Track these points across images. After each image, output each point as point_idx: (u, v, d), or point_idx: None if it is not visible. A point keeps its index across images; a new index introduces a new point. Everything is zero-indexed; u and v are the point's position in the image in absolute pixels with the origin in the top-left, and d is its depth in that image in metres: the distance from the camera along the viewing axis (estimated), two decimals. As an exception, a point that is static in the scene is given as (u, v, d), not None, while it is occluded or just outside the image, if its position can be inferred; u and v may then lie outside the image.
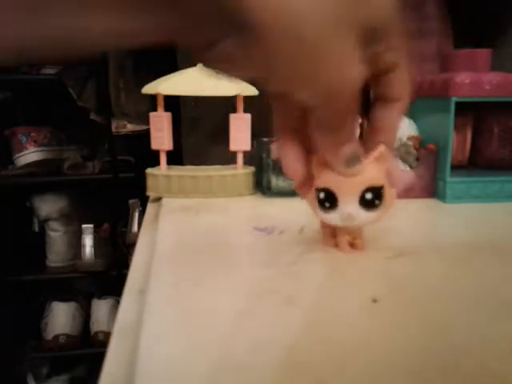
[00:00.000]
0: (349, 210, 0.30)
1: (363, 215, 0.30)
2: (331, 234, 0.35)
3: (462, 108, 0.49)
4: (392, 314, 0.25)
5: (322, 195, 0.31)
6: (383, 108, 0.29)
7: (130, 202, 1.23)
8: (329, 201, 0.31)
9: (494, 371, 0.19)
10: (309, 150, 0.30)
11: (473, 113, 0.54)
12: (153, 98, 0.55)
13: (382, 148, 0.30)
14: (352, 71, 0.24)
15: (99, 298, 1.24)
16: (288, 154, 0.31)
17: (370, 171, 0.30)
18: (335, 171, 0.29)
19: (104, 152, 1.17)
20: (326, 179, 0.30)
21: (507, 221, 0.45)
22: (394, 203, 0.32)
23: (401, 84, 0.29)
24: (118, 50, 0.98)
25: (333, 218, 0.31)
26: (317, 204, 0.31)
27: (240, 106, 0.55)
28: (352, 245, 0.34)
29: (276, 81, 0.25)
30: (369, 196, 0.30)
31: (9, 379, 1.24)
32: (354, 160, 0.29)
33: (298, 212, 0.48)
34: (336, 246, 0.34)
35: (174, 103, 0.68)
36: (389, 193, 0.31)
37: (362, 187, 0.30)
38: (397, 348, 0.21)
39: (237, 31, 0.22)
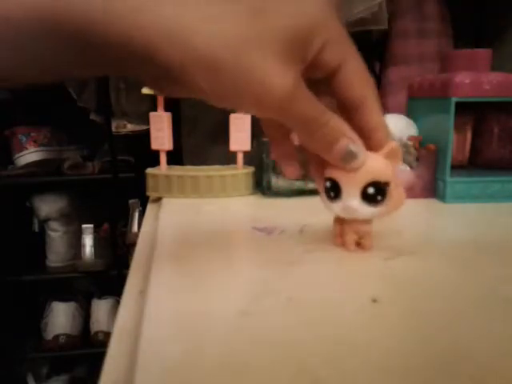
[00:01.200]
0: (349, 202, 0.30)
1: (365, 209, 0.30)
2: (339, 233, 0.35)
3: (462, 108, 0.49)
4: (392, 314, 0.25)
5: (328, 184, 0.31)
6: (358, 114, 0.29)
7: (130, 202, 1.23)
8: (333, 191, 0.31)
9: (494, 371, 0.19)
10: None
11: (473, 113, 0.54)
12: (153, 98, 0.55)
13: (392, 144, 0.30)
14: (280, 82, 0.24)
15: (99, 298, 1.25)
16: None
17: (375, 166, 0.29)
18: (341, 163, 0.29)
19: (104, 152, 1.17)
20: (332, 169, 0.30)
21: (507, 221, 0.45)
22: (402, 203, 0.32)
23: (357, 82, 0.28)
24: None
25: (336, 207, 0.31)
26: (324, 194, 0.32)
27: (240, 106, 0.55)
28: (359, 244, 0.34)
29: (213, 101, 0.25)
30: (371, 190, 0.30)
31: (9, 379, 1.24)
32: (349, 156, 0.29)
33: (298, 212, 0.48)
34: (342, 244, 0.34)
35: (174, 103, 0.68)
36: (396, 192, 0.31)
37: (365, 181, 0.30)
38: (397, 348, 0.21)
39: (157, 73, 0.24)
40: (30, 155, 1.13)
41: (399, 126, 0.55)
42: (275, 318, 0.24)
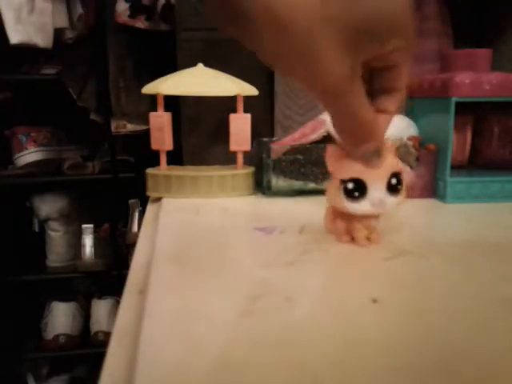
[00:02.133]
0: (379, 195, 0.33)
1: (392, 200, 0.33)
2: (345, 231, 0.36)
3: (462, 108, 0.49)
4: (392, 313, 0.25)
5: (350, 185, 0.33)
6: (381, 96, 0.30)
7: (130, 201, 1.22)
8: (358, 190, 0.33)
9: (494, 371, 0.19)
10: None
11: (473, 113, 0.54)
12: (153, 97, 0.55)
13: (389, 142, 0.33)
14: (339, 69, 0.24)
15: (99, 298, 1.24)
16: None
17: (392, 159, 0.33)
18: (362, 162, 0.32)
19: (104, 152, 1.17)
20: (355, 169, 0.32)
21: (507, 221, 0.45)
22: (408, 188, 0.35)
23: (401, 79, 0.30)
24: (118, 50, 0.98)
25: (362, 206, 0.33)
26: (342, 195, 0.33)
27: (240, 106, 0.55)
28: (368, 239, 0.36)
29: (276, 65, 0.26)
30: (394, 181, 0.33)
31: (9, 379, 1.24)
32: (372, 155, 0.31)
33: (298, 212, 0.48)
34: (352, 241, 0.36)
35: (174, 103, 0.68)
36: (404, 179, 0.34)
37: (389, 173, 0.33)
38: (397, 348, 0.21)
39: (239, 20, 0.24)
40: (29, 155, 1.13)
41: (399, 126, 0.55)
42: (275, 318, 0.24)
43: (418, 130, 0.55)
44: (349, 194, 0.33)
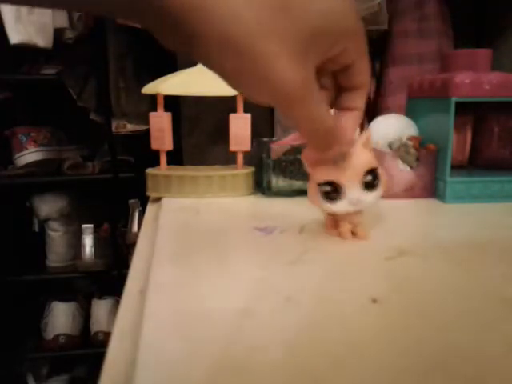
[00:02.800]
0: (356, 194, 0.33)
1: (370, 196, 0.34)
2: (334, 225, 0.37)
3: (462, 108, 0.49)
4: (392, 313, 0.25)
5: (327, 188, 0.34)
6: (347, 94, 0.31)
7: (130, 201, 1.22)
8: (335, 192, 0.34)
9: (494, 371, 0.19)
10: None
11: (473, 113, 0.54)
12: (153, 97, 0.55)
13: (367, 134, 0.34)
14: (292, 76, 0.25)
15: (99, 298, 1.24)
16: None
17: (364, 156, 0.33)
18: (334, 165, 0.33)
19: (104, 152, 1.17)
20: (328, 173, 0.33)
21: (507, 221, 0.45)
22: (387, 181, 0.35)
23: (361, 74, 0.30)
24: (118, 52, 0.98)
25: (341, 206, 0.34)
26: (320, 197, 0.34)
27: (240, 106, 0.55)
28: (353, 233, 0.37)
29: (226, 80, 0.26)
30: (369, 178, 0.33)
31: (9, 379, 1.24)
32: (340, 158, 0.32)
33: (298, 212, 0.48)
34: (338, 235, 0.37)
35: (174, 103, 0.68)
36: (381, 173, 0.34)
37: (363, 171, 0.33)
38: (397, 348, 0.21)
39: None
40: (30, 155, 1.13)
41: (399, 125, 0.55)
42: (275, 318, 0.24)
43: (418, 129, 0.55)
44: (326, 196, 0.34)
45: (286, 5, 0.23)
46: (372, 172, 0.33)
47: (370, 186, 0.34)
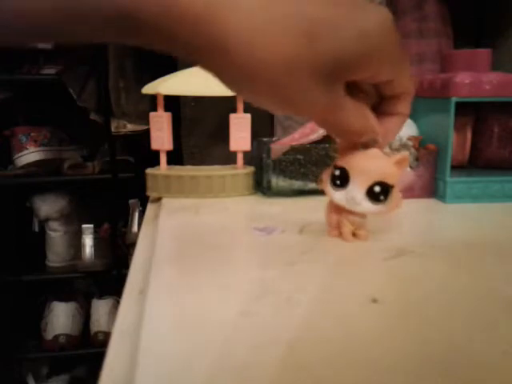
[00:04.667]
0: (355, 193, 0.32)
1: (366, 204, 0.33)
2: (336, 225, 0.36)
3: (462, 108, 0.49)
4: (392, 314, 0.25)
5: (337, 172, 0.33)
6: (390, 101, 0.31)
7: (130, 201, 1.22)
8: (340, 179, 0.33)
9: (494, 371, 0.19)
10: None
11: (473, 113, 0.54)
12: (153, 97, 0.55)
13: (405, 154, 0.33)
14: (316, 101, 0.25)
15: (99, 298, 1.24)
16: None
17: (387, 168, 0.32)
18: (356, 156, 0.32)
19: (104, 152, 1.17)
20: (347, 159, 0.33)
21: (507, 221, 0.45)
22: (399, 206, 0.34)
23: (401, 87, 0.30)
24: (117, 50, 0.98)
25: (338, 195, 0.34)
26: (329, 179, 0.34)
27: (240, 106, 0.55)
28: (355, 235, 0.36)
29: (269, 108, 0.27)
30: (377, 189, 0.32)
31: (9, 379, 1.24)
32: (369, 145, 0.32)
33: (298, 212, 0.48)
34: (339, 235, 0.36)
35: (174, 103, 0.68)
36: (396, 195, 0.33)
37: (375, 179, 0.32)
38: (397, 348, 0.21)
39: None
40: (29, 155, 1.13)
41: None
42: (275, 318, 0.24)
43: (418, 129, 0.55)
44: (333, 180, 0.34)
45: (312, 33, 0.23)
46: (384, 186, 0.32)
47: (374, 196, 0.32)
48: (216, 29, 0.22)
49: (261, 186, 0.56)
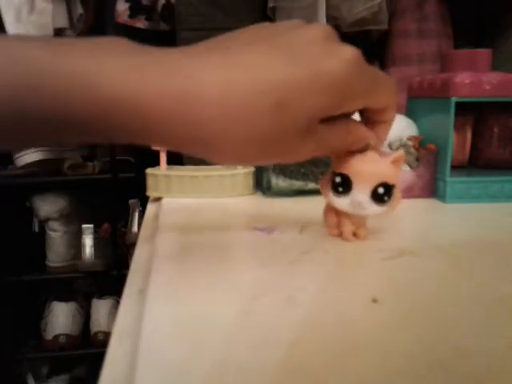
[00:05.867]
0: (360, 198, 0.32)
1: (372, 207, 0.33)
2: (336, 225, 0.36)
3: (462, 108, 0.49)
4: (392, 314, 0.25)
5: (338, 179, 0.33)
6: (378, 115, 0.31)
7: (130, 201, 1.23)
8: (343, 186, 0.33)
9: (494, 371, 0.19)
10: None
11: (473, 113, 0.54)
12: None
13: (400, 153, 0.33)
14: (304, 152, 0.27)
15: (99, 298, 1.24)
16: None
17: (387, 169, 0.32)
18: (356, 161, 0.32)
19: (104, 152, 1.17)
20: (346, 165, 0.33)
21: (507, 221, 0.45)
22: (399, 205, 0.34)
23: (388, 113, 0.31)
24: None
25: (342, 202, 0.33)
26: (330, 187, 0.34)
27: (240, 106, 0.55)
28: (355, 234, 0.36)
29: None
30: (381, 190, 0.32)
31: (9, 379, 1.24)
32: (364, 150, 0.32)
33: (298, 212, 0.48)
34: (339, 235, 0.36)
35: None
36: (397, 194, 0.33)
37: (377, 181, 0.32)
38: (397, 348, 0.21)
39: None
40: (29, 155, 1.13)
41: (399, 126, 0.55)
42: (275, 318, 0.24)
43: (418, 130, 0.55)
44: (335, 188, 0.33)
45: (280, 103, 0.24)
46: (387, 187, 0.32)
47: (378, 198, 0.32)
48: (191, 127, 0.23)
49: (261, 186, 0.56)
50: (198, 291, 0.28)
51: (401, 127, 0.54)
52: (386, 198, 0.33)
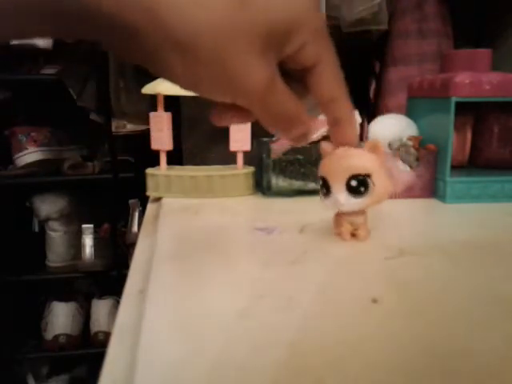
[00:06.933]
0: (338, 196, 0.33)
1: (351, 201, 0.33)
2: (338, 224, 0.37)
3: (462, 108, 0.49)
4: (392, 314, 0.25)
5: (320, 182, 0.34)
6: (327, 110, 0.30)
7: (130, 201, 1.22)
8: (325, 187, 0.34)
9: (494, 371, 0.19)
10: None
11: (473, 113, 0.54)
12: (153, 97, 0.55)
13: (375, 141, 0.33)
14: (257, 75, 0.25)
15: (99, 298, 1.24)
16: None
17: (357, 160, 0.32)
18: (329, 161, 0.33)
19: (104, 152, 1.17)
20: (322, 167, 0.34)
21: (507, 221, 0.45)
22: (388, 193, 0.34)
23: (329, 82, 0.29)
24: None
25: (328, 202, 0.34)
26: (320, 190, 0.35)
27: (240, 105, 0.55)
28: (354, 235, 0.36)
29: (184, 86, 0.26)
30: (353, 183, 0.33)
31: (9, 379, 1.24)
32: (302, 137, 0.30)
33: (298, 212, 0.48)
34: (338, 235, 0.37)
35: (174, 103, 0.68)
36: (380, 182, 0.33)
37: (347, 175, 0.33)
38: (397, 348, 0.21)
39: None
40: (29, 155, 1.13)
41: (399, 126, 0.55)
42: (275, 318, 0.24)
43: (418, 129, 0.55)
44: (321, 190, 0.34)
45: (246, 0, 0.23)
46: (358, 178, 0.32)
47: (354, 191, 0.33)
48: (147, 4, 0.21)
49: (261, 186, 0.56)
50: (198, 291, 0.28)
51: (401, 127, 0.54)
52: (362, 189, 0.33)
